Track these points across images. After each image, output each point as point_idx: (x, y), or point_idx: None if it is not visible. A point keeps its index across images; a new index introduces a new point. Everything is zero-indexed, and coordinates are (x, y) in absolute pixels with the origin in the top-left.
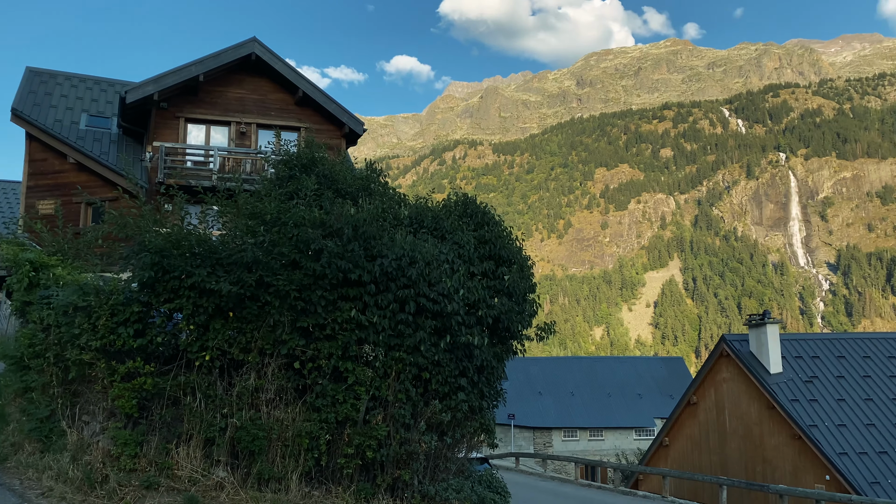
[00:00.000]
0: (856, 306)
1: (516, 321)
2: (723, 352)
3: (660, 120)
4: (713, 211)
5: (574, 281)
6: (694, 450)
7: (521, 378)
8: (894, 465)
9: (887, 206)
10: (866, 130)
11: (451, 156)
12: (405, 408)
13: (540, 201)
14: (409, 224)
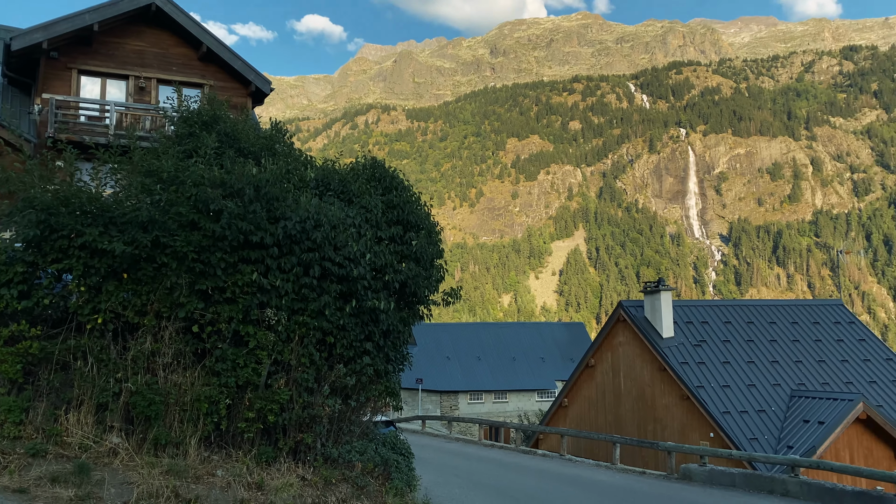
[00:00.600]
0: (744, 276)
1: (423, 286)
2: (620, 317)
3: (569, 92)
4: (617, 183)
5: (484, 249)
6: (591, 410)
7: (430, 343)
8: (771, 422)
9: (776, 182)
10: (759, 109)
11: (363, 120)
12: (308, 372)
13: (453, 170)
14: (316, 187)
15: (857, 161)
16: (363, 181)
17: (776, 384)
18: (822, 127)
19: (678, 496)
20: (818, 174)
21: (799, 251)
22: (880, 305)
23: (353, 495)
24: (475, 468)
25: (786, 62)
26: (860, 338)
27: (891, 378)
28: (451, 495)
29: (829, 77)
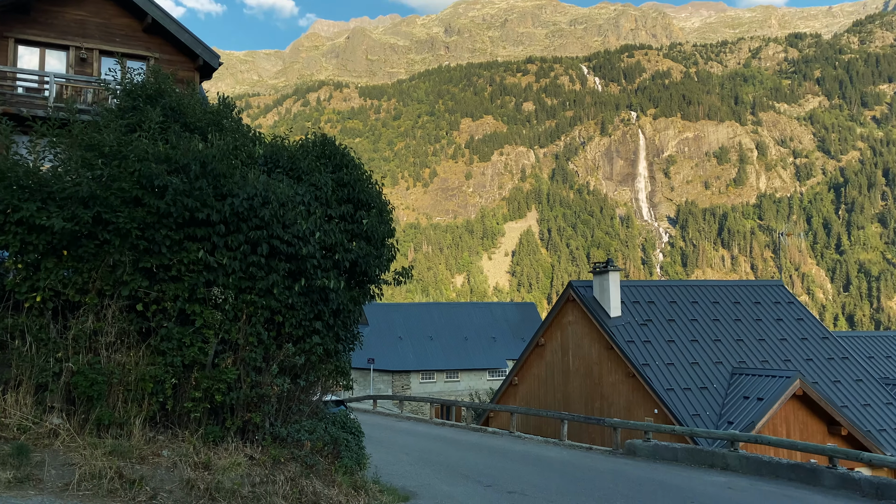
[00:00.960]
0: (690, 257)
1: (374, 265)
2: (569, 297)
3: (523, 73)
4: (569, 165)
5: (438, 230)
6: (540, 388)
7: (382, 323)
8: (713, 398)
9: (722, 166)
10: (708, 94)
11: (315, 97)
12: (256, 351)
13: (406, 149)
14: (264, 163)
15: (799, 146)
16: (313, 158)
17: (718, 362)
18: (768, 112)
19: (623, 470)
20: (763, 159)
21: (743, 233)
22: (819, 286)
23: (302, 474)
24: (426, 446)
25: (734, 48)
26: (798, 317)
27: (826, 356)
28: (402, 473)
29: (775, 63)
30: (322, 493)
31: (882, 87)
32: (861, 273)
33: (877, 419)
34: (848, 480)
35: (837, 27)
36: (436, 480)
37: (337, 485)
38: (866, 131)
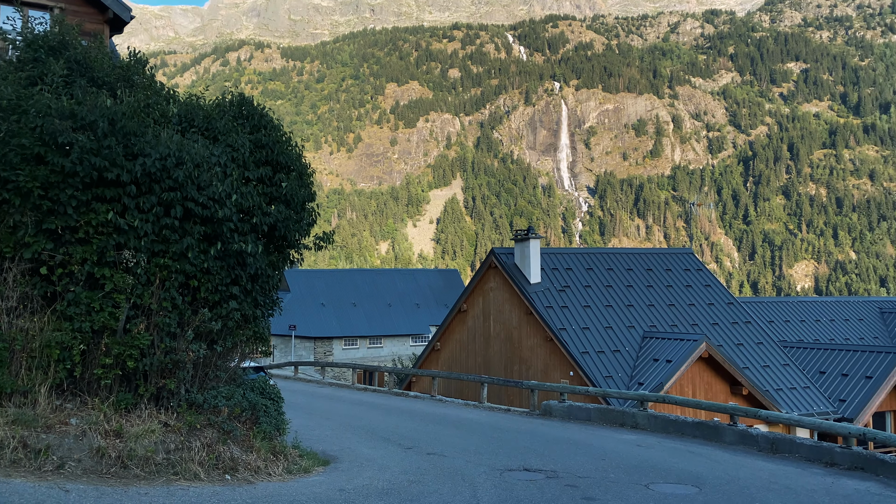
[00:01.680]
0: (608, 226)
1: (294, 229)
2: (491, 263)
3: (449, 40)
4: (494, 134)
5: (363, 196)
6: (462, 352)
7: (304, 290)
8: (625, 361)
9: (640, 138)
10: (628, 66)
11: (235, 57)
12: (171, 316)
13: (330, 113)
14: (178, 122)
15: (712, 120)
16: (230, 118)
17: (631, 326)
18: (684, 86)
19: (538, 430)
20: (678, 131)
21: (658, 204)
22: (726, 255)
23: (219, 440)
24: (347, 411)
25: (654, 22)
26: (706, 283)
27: (731, 320)
28: (322, 437)
29: (692, 39)
30: (240, 459)
31: (790, 64)
32: (765, 243)
33: (775, 379)
34: (746, 436)
35: (751, 5)
36: (357, 444)
37: (255, 450)
38: (774, 107)
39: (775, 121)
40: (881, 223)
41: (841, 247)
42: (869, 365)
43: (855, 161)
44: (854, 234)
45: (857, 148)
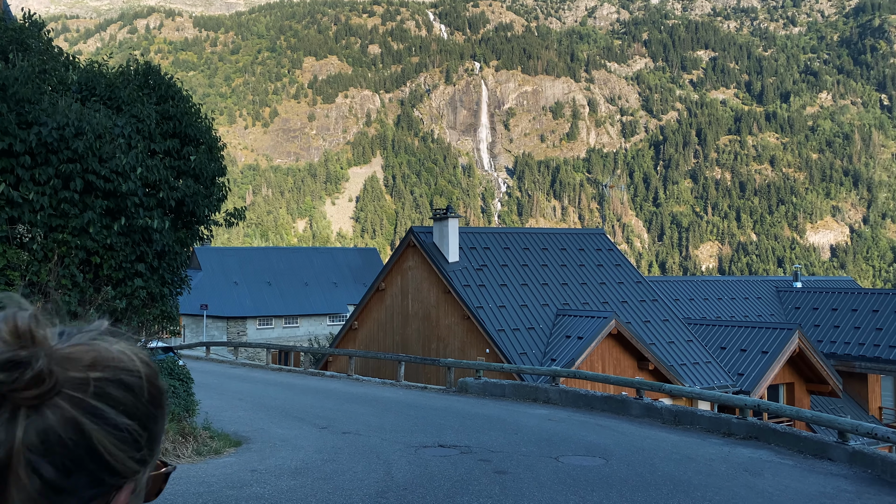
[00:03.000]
0: (526, 207)
1: (203, 205)
2: (410, 242)
3: (369, 15)
4: (414, 112)
5: (279, 172)
6: (380, 331)
7: (216, 268)
8: (539, 338)
9: (557, 120)
10: (547, 49)
11: (144, 24)
12: (71, 295)
13: (245, 86)
14: (79, 91)
15: (626, 104)
16: (135, 88)
17: (545, 304)
18: (600, 70)
19: (454, 407)
20: (593, 115)
21: (573, 186)
22: (637, 236)
23: None
24: (261, 392)
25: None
26: (617, 263)
27: (639, 298)
28: (235, 418)
29: (608, 24)
30: None
31: (699, 52)
32: (673, 224)
33: (679, 354)
34: (652, 409)
35: None
36: (270, 425)
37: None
38: (684, 93)
39: (685, 107)
40: (780, 207)
41: (743, 229)
42: (765, 341)
43: (757, 147)
44: (755, 217)
45: (759, 134)
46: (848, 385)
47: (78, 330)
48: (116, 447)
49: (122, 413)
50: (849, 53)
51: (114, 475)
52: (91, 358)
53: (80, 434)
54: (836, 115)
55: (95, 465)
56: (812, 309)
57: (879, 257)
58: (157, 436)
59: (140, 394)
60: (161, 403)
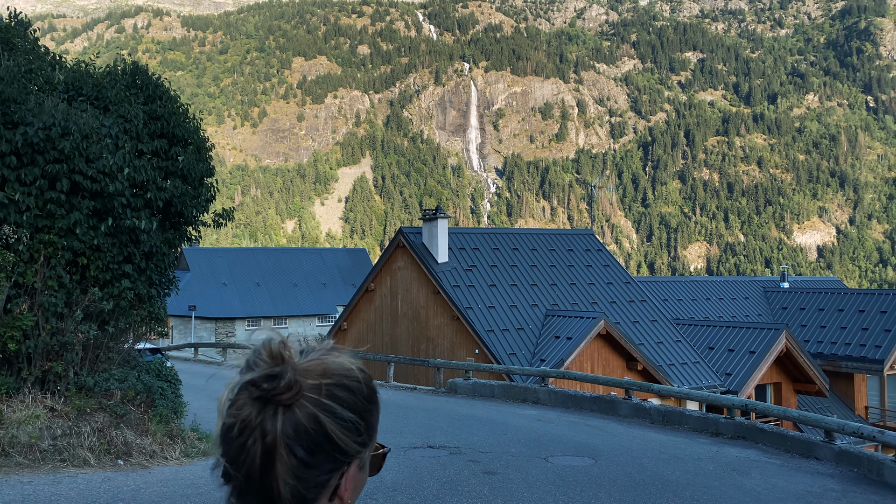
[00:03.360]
0: (515, 207)
1: (191, 206)
2: (399, 243)
3: (359, 15)
4: (404, 113)
5: (268, 173)
6: (369, 332)
7: (205, 269)
8: (528, 338)
9: (546, 121)
10: (536, 50)
11: (131, 23)
12: (57, 296)
13: (234, 86)
14: (65, 90)
15: (615, 105)
16: (122, 88)
17: (534, 305)
18: (588, 72)
19: (443, 407)
20: (582, 116)
21: (562, 186)
22: (626, 236)
23: (112, 424)
24: None
25: (561, 7)
26: (605, 264)
27: (628, 299)
28: None
29: (597, 25)
30: (134, 444)
31: (687, 54)
32: (662, 225)
33: (667, 355)
34: (640, 409)
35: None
36: None
37: (151, 434)
38: (673, 94)
39: (673, 108)
40: (767, 207)
41: (731, 229)
42: (753, 340)
43: (745, 148)
44: (743, 218)
45: (746, 136)
46: (835, 385)
47: (313, 348)
48: (344, 434)
49: (347, 408)
50: (835, 55)
51: (343, 454)
52: (322, 369)
53: (319, 425)
54: (823, 116)
55: (331, 447)
56: (799, 309)
57: (865, 258)
58: (373, 425)
59: (359, 393)
60: (374, 399)
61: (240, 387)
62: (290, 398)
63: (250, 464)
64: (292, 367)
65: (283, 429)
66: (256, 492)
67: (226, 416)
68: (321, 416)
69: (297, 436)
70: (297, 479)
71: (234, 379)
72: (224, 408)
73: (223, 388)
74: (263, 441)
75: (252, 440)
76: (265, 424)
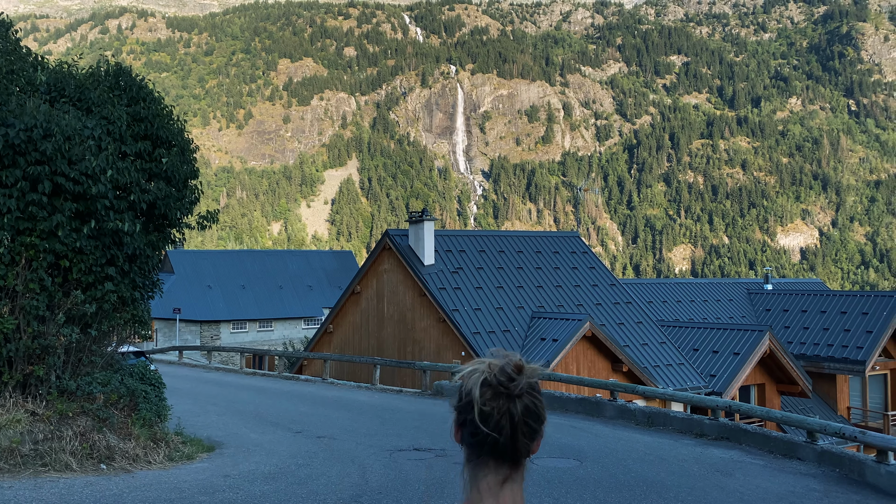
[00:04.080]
0: (501, 210)
1: (175, 208)
2: (386, 245)
3: (345, 17)
4: (390, 115)
5: (253, 175)
6: (355, 335)
7: (190, 272)
8: (514, 340)
9: (532, 124)
10: (522, 53)
11: (116, 24)
12: (39, 298)
13: (219, 88)
14: (47, 91)
15: (600, 108)
16: (105, 89)
17: (520, 307)
18: (574, 75)
19: (429, 410)
20: (568, 119)
21: (548, 189)
22: (611, 239)
23: (94, 428)
24: (235, 396)
25: (547, 10)
26: (591, 266)
27: (613, 301)
28: (208, 423)
29: (583, 28)
30: (117, 447)
31: (672, 57)
32: (647, 227)
33: (653, 356)
34: (625, 411)
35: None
36: (244, 429)
37: (134, 437)
38: (657, 98)
39: (658, 111)
40: (751, 210)
41: (715, 232)
42: (737, 342)
43: (729, 151)
44: (727, 220)
45: (731, 139)
46: (817, 385)
47: (527, 361)
48: (542, 411)
49: (538, 396)
50: (818, 59)
51: (542, 423)
52: (531, 372)
53: (535, 407)
54: (806, 119)
55: (539, 420)
56: (782, 311)
57: (847, 260)
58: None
59: (538, 388)
60: (540, 393)
61: (482, 384)
62: (520, 393)
63: (505, 434)
64: (525, 375)
65: (521, 412)
66: (508, 450)
67: (481, 404)
68: (535, 402)
69: (527, 414)
70: (529, 440)
71: (474, 375)
72: (477, 397)
73: (465, 382)
74: (512, 420)
75: (505, 420)
76: (511, 410)
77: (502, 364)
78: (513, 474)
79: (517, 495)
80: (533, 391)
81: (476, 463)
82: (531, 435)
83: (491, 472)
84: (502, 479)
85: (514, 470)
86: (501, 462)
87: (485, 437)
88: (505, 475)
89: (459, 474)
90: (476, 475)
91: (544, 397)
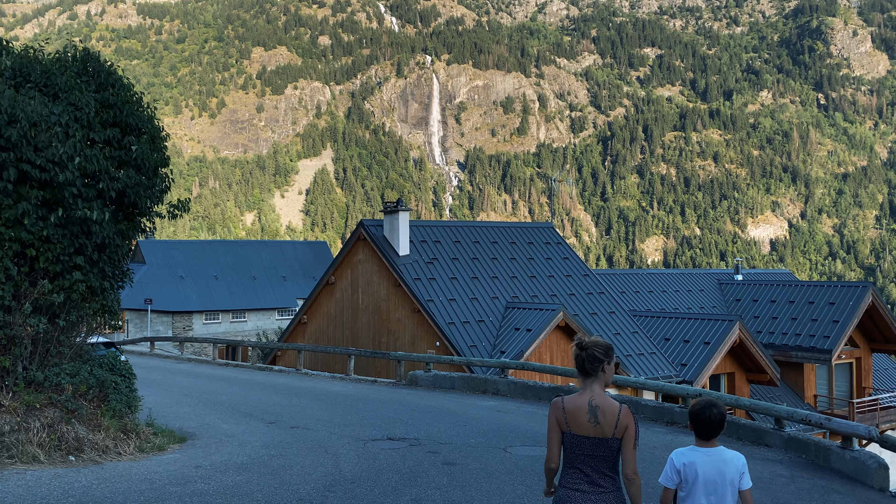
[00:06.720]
0: (477, 201)
1: (145, 196)
2: (360, 235)
3: (319, 6)
4: (365, 105)
5: (226, 164)
6: (330, 325)
7: (161, 262)
8: (489, 330)
9: (507, 115)
10: (497, 44)
11: (84, 10)
12: (4, 288)
13: (191, 76)
14: (12, 76)
15: (575, 100)
16: (73, 75)
17: (495, 297)
18: (549, 66)
19: (404, 400)
20: (543, 110)
21: (523, 180)
22: (585, 230)
23: (62, 419)
24: (207, 387)
25: (522, 1)
26: (565, 256)
27: (586, 291)
28: (180, 414)
29: (558, 20)
30: (86, 439)
31: (646, 49)
32: (620, 219)
33: (625, 346)
34: None
35: None
36: (216, 420)
37: (104, 429)
38: (632, 90)
39: (632, 103)
40: (722, 202)
41: (687, 223)
42: (707, 332)
43: (701, 143)
44: (699, 212)
45: (703, 131)
46: (785, 374)
47: (591, 337)
48: (598, 356)
49: (598, 350)
50: (788, 53)
51: (601, 363)
52: (592, 341)
53: (595, 355)
54: (776, 113)
55: (597, 361)
56: (752, 301)
57: (816, 251)
58: (611, 355)
59: (601, 348)
60: (611, 348)
61: (574, 345)
62: (586, 347)
63: (579, 365)
64: (589, 342)
65: (586, 357)
66: (583, 370)
67: (574, 354)
68: (595, 352)
69: (589, 357)
70: (592, 367)
71: (574, 343)
72: (574, 351)
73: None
74: (581, 360)
75: (580, 360)
76: (581, 356)
77: (580, 338)
78: (590, 381)
79: (596, 389)
80: (594, 347)
81: (581, 379)
82: (593, 365)
83: (582, 381)
84: (589, 382)
85: (589, 379)
86: (586, 376)
87: (578, 366)
88: (590, 381)
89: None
90: (583, 384)
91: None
